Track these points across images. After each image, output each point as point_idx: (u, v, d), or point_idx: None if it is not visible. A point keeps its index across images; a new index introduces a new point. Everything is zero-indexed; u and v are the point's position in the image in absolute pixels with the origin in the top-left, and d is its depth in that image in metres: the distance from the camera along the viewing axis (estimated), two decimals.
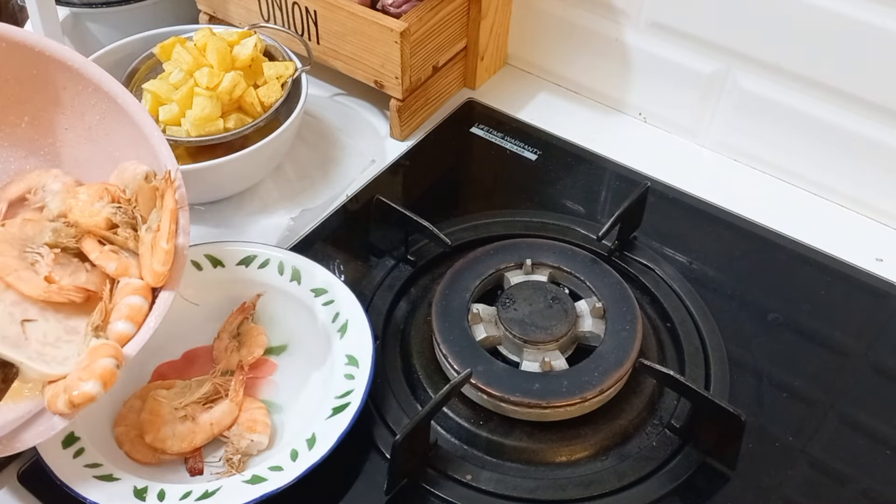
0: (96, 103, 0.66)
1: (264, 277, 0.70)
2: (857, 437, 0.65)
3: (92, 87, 0.65)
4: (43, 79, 0.66)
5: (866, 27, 0.72)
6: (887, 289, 0.75)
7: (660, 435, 0.64)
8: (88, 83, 0.65)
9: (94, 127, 0.67)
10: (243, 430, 0.62)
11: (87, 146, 0.68)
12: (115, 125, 0.66)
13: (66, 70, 0.65)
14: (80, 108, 0.67)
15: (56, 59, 0.65)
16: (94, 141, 0.67)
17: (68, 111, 0.67)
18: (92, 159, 0.68)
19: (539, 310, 0.67)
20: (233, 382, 0.64)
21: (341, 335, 0.66)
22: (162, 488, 0.58)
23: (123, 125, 0.65)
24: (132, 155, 0.65)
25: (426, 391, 0.66)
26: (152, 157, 0.63)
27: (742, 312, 0.73)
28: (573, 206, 0.82)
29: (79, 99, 0.66)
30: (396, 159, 0.86)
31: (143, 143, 0.64)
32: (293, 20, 0.86)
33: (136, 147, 0.64)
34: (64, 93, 0.67)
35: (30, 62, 0.66)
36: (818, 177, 0.83)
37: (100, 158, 0.67)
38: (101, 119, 0.66)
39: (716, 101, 0.85)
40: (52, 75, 0.66)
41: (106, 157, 0.67)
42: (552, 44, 0.93)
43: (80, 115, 0.67)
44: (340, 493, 0.61)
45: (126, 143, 0.65)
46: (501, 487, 0.61)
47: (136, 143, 0.64)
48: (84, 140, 0.68)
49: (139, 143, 0.64)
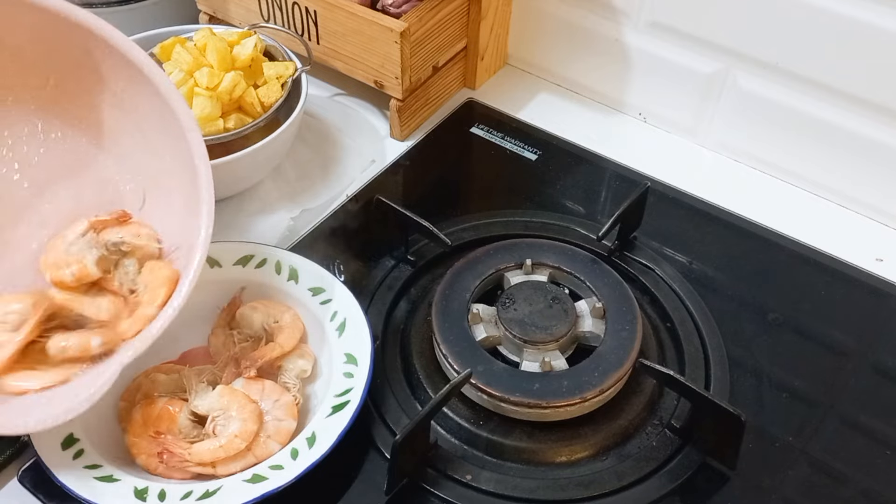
0: (121, 71, 0.65)
1: (262, 277, 0.70)
2: (857, 437, 0.65)
3: (118, 55, 0.64)
4: (67, 44, 0.65)
5: (866, 27, 0.72)
6: (887, 289, 0.75)
7: (660, 435, 0.64)
8: (113, 50, 0.64)
9: (118, 93, 0.66)
10: (296, 358, 0.66)
11: (114, 112, 0.67)
12: (141, 96, 0.65)
13: (90, 37, 0.64)
14: (105, 75, 0.66)
15: (80, 24, 0.64)
16: (121, 109, 0.67)
17: (94, 77, 0.66)
18: (118, 128, 0.67)
19: (539, 310, 0.67)
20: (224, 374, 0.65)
21: (339, 334, 0.66)
22: (163, 488, 0.58)
23: (147, 93, 0.64)
24: (158, 126, 0.65)
25: (426, 391, 0.66)
26: (177, 128, 0.63)
27: (742, 312, 0.73)
28: (573, 206, 0.82)
29: (104, 65, 0.65)
30: (396, 159, 0.86)
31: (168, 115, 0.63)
32: (293, 20, 0.87)
33: (161, 118, 0.64)
34: (88, 58, 0.66)
35: (52, 27, 0.65)
36: (818, 177, 0.83)
37: (128, 127, 0.67)
38: (126, 86, 0.66)
39: (716, 101, 0.85)
40: (75, 40, 0.65)
41: (134, 127, 0.67)
42: (552, 44, 0.93)
43: (107, 82, 0.66)
44: (340, 493, 0.61)
45: (153, 114, 0.65)
46: (501, 487, 0.61)
47: (161, 115, 0.64)
48: (111, 107, 0.67)
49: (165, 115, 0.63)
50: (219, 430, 0.60)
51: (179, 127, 0.62)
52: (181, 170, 0.64)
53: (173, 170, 0.65)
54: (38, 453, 0.59)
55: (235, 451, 0.59)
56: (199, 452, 0.59)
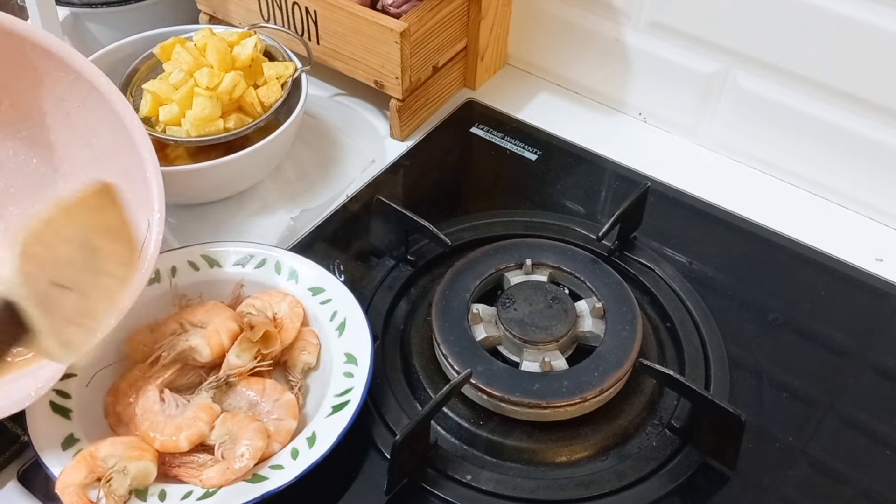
0: (78, 90, 0.65)
1: (261, 277, 0.70)
2: (857, 437, 0.65)
3: (74, 75, 0.65)
4: (25, 64, 0.66)
5: (866, 27, 0.72)
6: (887, 289, 0.75)
7: (660, 435, 0.64)
8: (70, 70, 0.65)
9: (73, 113, 0.67)
10: (299, 353, 0.66)
11: (66, 132, 0.67)
12: (95, 112, 0.65)
13: (48, 56, 0.65)
14: (61, 95, 0.66)
15: (39, 45, 0.65)
16: (72, 127, 0.67)
17: (50, 97, 0.67)
18: (70, 145, 0.68)
19: (539, 310, 0.67)
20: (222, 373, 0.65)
21: (339, 334, 0.66)
22: (163, 488, 0.58)
23: (103, 112, 0.65)
24: (110, 143, 0.65)
25: (426, 391, 0.66)
26: (130, 145, 0.63)
27: (742, 312, 0.73)
28: (573, 206, 0.82)
29: (60, 85, 0.66)
30: (396, 159, 0.86)
31: (121, 131, 0.64)
32: (293, 20, 0.87)
33: (114, 134, 0.64)
34: (46, 78, 0.66)
35: (12, 47, 0.65)
36: (818, 177, 0.83)
37: (77, 144, 0.67)
38: (80, 105, 0.66)
39: (716, 101, 0.85)
40: (34, 61, 0.65)
41: (83, 144, 0.67)
42: (552, 44, 0.93)
43: (61, 101, 0.67)
44: (340, 493, 0.61)
45: (105, 130, 0.65)
46: (501, 487, 0.61)
47: (114, 131, 0.64)
48: (63, 126, 0.67)
49: (117, 131, 0.64)
50: (227, 454, 0.60)
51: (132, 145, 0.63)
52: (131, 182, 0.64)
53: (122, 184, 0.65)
54: (38, 453, 0.59)
55: (245, 471, 0.58)
56: (211, 478, 0.58)
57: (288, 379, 0.66)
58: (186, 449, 0.60)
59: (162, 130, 0.77)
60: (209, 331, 0.65)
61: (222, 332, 0.65)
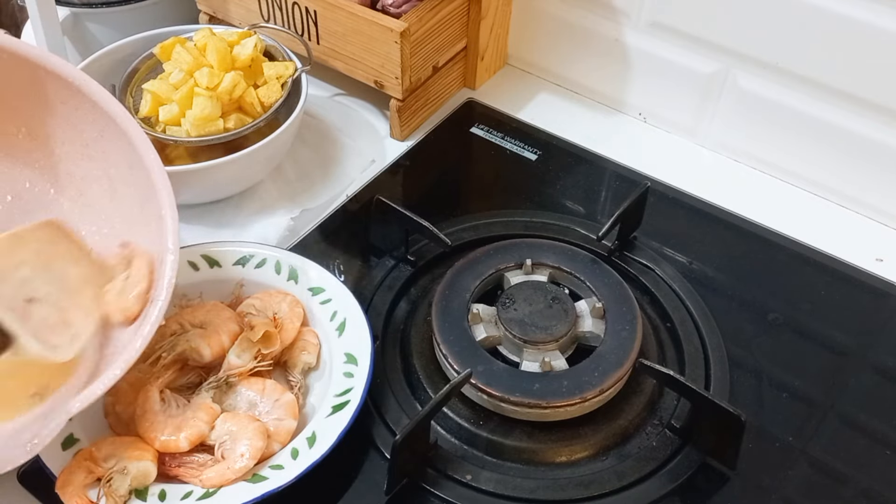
0: (95, 120, 0.65)
1: (261, 277, 0.70)
2: (857, 437, 0.65)
3: (90, 104, 0.64)
4: (42, 92, 0.65)
5: (866, 27, 0.72)
6: (887, 289, 0.75)
7: (660, 435, 0.64)
8: (87, 99, 0.64)
9: (91, 144, 0.66)
10: (299, 353, 0.66)
11: (83, 163, 0.67)
12: (113, 143, 0.65)
13: (65, 86, 0.64)
14: (78, 125, 0.66)
15: (56, 74, 0.64)
16: (90, 158, 0.66)
17: (66, 126, 0.66)
18: (88, 176, 0.67)
19: (539, 310, 0.67)
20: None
21: (339, 334, 0.66)
22: (163, 488, 0.58)
23: (120, 143, 0.64)
24: (127, 176, 0.64)
25: (426, 391, 0.66)
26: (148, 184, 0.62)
27: (742, 312, 0.73)
28: (573, 206, 0.82)
29: (77, 114, 0.65)
30: (396, 159, 0.86)
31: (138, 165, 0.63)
32: (293, 20, 0.87)
33: (131, 168, 0.63)
34: (63, 107, 0.65)
35: (29, 75, 0.64)
36: (818, 177, 0.83)
37: (96, 174, 0.67)
38: (98, 136, 0.65)
39: (716, 101, 0.85)
40: (50, 89, 0.65)
41: (102, 174, 0.66)
42: (552, 44, 0.93)
43: (79, 132, 0.66)
44: (340, 493, 0.61)
45: (123, 162, 0.64)
46: (501, 487, 0.61)
47: (132, 164, 0.63)
48: (80, 157, 0.67)
49: (135, 164, 0.63)
50: (227, 454, 0.60)
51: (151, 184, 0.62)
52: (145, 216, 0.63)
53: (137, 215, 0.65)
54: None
55: (245, 471, 0.59)
56: (211, 478, 0.58)
57: (288, 379, 0.66)
58: (186, 449, 0.60)
59: (162, 130, 0.77)
60: (209, 331, 0.65)
61: (223, 332, 0.65)
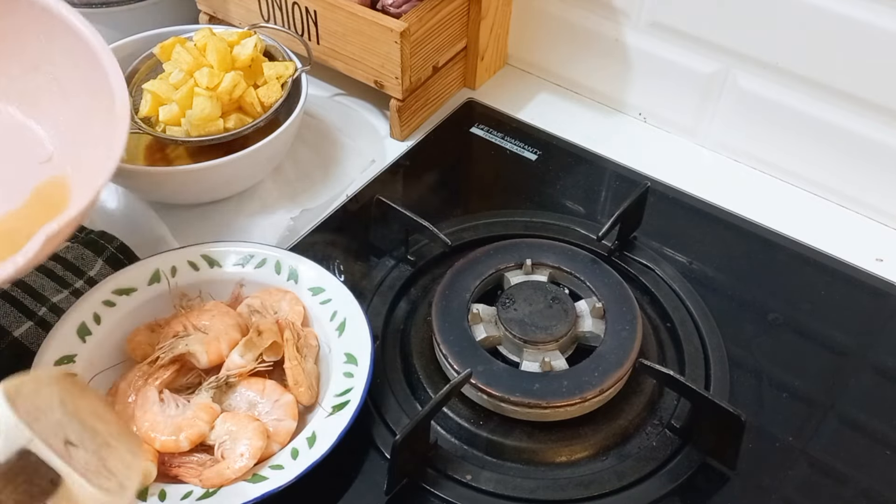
0: (37, 28, 0.64)
1: (261, 277, 0.70)
2: (857, 437, 0.65)
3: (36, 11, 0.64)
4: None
5: (866, 27, 0.72)
6: (887, 289, 0.75)
7: (660, 435, 0.64)
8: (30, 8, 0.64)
9: (37, 54, 0.66)
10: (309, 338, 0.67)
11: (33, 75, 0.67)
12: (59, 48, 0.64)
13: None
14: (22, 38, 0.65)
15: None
16: (38, 69, 0.66)
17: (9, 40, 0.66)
18: (40, 88, 0.67)
19: (539, 310, 0.67)
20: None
21: (339, 333, 0.66)
22: (163, 488, 0.58)
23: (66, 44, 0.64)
24: (77, 76, 0.64)
25: (426, 391, 0.66)
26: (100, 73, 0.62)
27: (742, 312, 0.73)
28: (573, 206, 0.82)
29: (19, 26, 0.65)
30: (396, 159, 0.86)
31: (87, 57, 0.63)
32: (293, 20, 0.87)
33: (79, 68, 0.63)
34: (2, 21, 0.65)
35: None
36: (818, 177, 0.83)
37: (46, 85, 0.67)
38: (45, 44, 0.65)
39: (716, 101, 0.85)
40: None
41: (50, 81, 0.66)
42: (552, 44, 0.93)
43: (23, 45, 0.66)
44: (340, 493, 0.61)
45: (70, 64, 0.64)
46: (501, 487, 0.61)
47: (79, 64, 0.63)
48: (30, 69, 0.67)
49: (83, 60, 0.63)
50: (227, 454, 0.60)
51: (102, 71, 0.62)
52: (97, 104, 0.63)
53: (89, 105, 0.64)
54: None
55: (244, 471, 0.59)
56: (211, 478, 0.58)
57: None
58: (186, 449, 0.60)
59: (162, 130, 0.77)
60: (210, 338, 0.65)
61: (222, 340, 0.65)
